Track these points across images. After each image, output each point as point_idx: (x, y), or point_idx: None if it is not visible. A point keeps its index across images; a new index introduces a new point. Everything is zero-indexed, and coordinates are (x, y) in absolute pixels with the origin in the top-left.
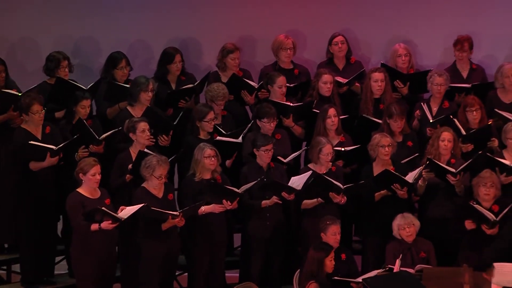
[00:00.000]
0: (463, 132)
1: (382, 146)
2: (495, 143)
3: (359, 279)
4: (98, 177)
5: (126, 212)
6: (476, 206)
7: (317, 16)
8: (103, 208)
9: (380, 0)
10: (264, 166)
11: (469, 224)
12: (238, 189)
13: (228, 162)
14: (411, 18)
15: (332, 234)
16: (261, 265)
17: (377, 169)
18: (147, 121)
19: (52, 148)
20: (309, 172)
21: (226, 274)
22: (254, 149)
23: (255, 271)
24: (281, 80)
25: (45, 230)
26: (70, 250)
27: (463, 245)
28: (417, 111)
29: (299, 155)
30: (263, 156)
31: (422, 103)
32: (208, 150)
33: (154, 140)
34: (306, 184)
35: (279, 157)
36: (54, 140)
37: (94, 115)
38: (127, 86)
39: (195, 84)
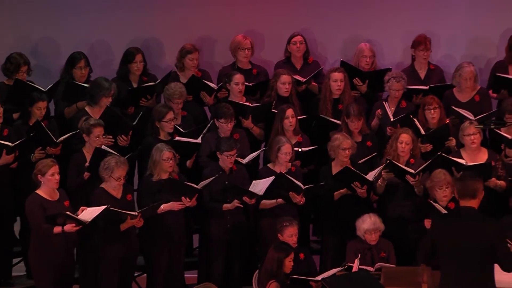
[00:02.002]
0: (422, 132)
1: (343, 149)
2: (453, 142)
3: (318, 278)
4: (57, 177)
5: (87, 213)
6: (435, 204)
7: (276, 16)
8: (67, 212)
9: (338, 1)
10: (226, 169)
11: (428, 223)
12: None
13: (188, 163)
14: (369, 18)
15: (288, 236)
16: (222, 267)
17: (335, 169)
18: (103, 125)
19: (8, 145)
20: (272, 178)
21: (185, 275)
22: (218, 152)
23: (216, 273)
24: (238, 77)
25: (2, 231)
26: (28, 252)
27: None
28: (379, 110)
29: (257, 156)
30: (226, 161)
31: (384, 102)
32: (167, 153)
33: (113, 140)
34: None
35: (237, 158)
36: (12, 143)
37: (51, 116)
38: (86, 85)
39: (156, 82)
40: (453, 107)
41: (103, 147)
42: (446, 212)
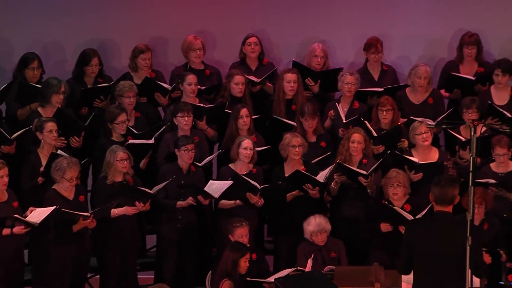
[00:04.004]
0: (374, 134)
1: (293, 146)
2: (405, 143)
3: (271, 279)
4: (6, 179)
5: (36, 214)
6: (396, 208)
7: (228, 17)
8: (16, 215)
9: (291, 2)
10: (184, 168)
11: (385, 227)
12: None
13: (142, 164)
14: (323, 19)
15: (239, 237)
16: (173, 267)
17: (288, 169)
18: (56, 121)
19: None
20: (230, 182)
21: (140, 276)
22: (176, 149)
23: (168, 273)
24: (190, 77)
25: None
26: None
27: (374, 244)
28: (331, 111)
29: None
30: (184, 156)
31: (336, 103)
32: (121, 153)
33: (65, 141)
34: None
35: (195, 162)
36: None
37: (3, 116)
38: (39, 86)
39: (111, 83)
40: (412, 117)
41: (59, 151)
42: (407, 214)
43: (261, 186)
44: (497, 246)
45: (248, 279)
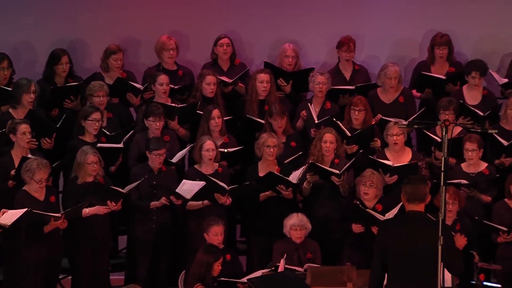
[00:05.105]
0: (348, 134)
1: (268, 146)
2: (378, 143)
3: (244, 279)
4: None
5: (8, 216)
6: (367, 210)
7: (201, 17)
8: None
9: (263, 2)
10: (155, 169)
11: (357, 228)
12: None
13: (113, 168)
14: (294, 19)
15: (214, 235)
16: (147, 267)
17: (262, 169)
18: (29, 123)
19: None
20: (202, 183)
21: (112, 277)
22: (147, 152)
23: (141, 273)
24: (162, 78)
25: None
26: None
27: (346, 244)
28: (303, 111)
29: (183, 157)
30: (155, 160)
31: (308, 104)
32: (91, 157)
33: (36, 143)
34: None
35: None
36: None
37: None
38: (9, 89)
39: (80, 82)
40: (383, 117)
41: (29, 155)
42: (379, 215)
43: (229, 187)
44: (469, 247)
45: (220, 279)
